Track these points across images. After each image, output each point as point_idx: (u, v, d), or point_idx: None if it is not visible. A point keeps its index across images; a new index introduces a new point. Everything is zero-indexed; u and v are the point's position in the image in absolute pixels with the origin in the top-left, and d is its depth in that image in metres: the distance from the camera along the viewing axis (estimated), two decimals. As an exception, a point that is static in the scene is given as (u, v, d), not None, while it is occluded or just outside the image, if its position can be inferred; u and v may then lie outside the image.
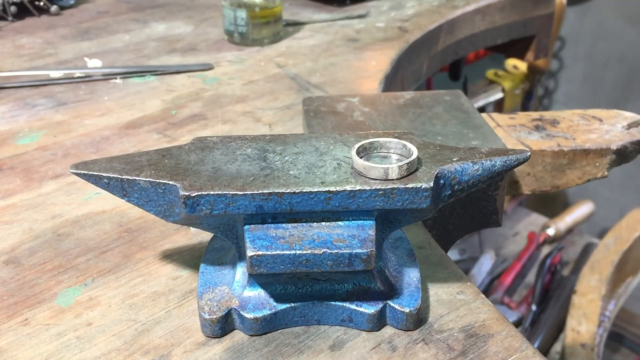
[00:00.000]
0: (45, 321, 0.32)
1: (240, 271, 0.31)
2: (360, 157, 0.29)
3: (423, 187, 0.27)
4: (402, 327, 0.30)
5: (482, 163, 0.29)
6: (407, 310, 0.30)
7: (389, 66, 0.65)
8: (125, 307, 0.32)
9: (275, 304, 0.30)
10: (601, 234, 1.41)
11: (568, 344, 0.98)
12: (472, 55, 1.37)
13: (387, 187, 0.27)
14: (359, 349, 0.30)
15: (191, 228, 0.38)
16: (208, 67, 0.65)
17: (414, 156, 0.28)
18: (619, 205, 1.59)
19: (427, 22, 0.78)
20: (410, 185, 0.27)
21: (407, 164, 0.28)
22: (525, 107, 1.62)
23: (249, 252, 0.27)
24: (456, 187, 0.29)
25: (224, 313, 0.30)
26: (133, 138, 0.51)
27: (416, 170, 0.28)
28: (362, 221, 0.28)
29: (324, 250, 0.27)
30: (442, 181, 0.29)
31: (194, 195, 0.27)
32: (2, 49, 0.73)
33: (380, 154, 0.30)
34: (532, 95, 1.62)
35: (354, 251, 0.27)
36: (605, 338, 1.00)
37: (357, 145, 0.29)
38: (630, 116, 0.44)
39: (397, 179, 0.28)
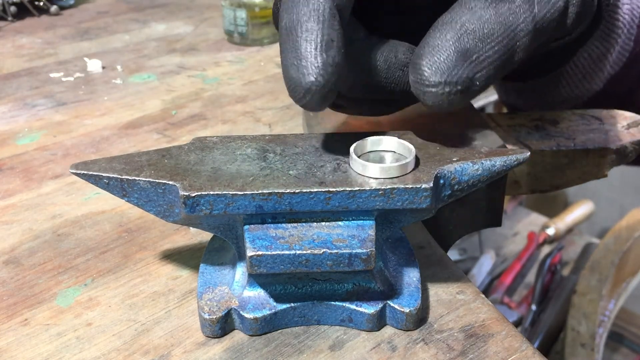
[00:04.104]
0: (45, 321, 0.32)
1: (240, 271, 0.31)
2: (359, 157, 0.29)
3: (423, 187, 0.27)
4: (402, 327, 0.30)
5: (482, 163, 0.29)
6: (407, 310, 0.30)
7: (388, 66, 0.65)
8: (125, 307, 0.32)
9: (275, 304, 0.30)
10: (601, 234, 1.41)
11: (568, 344, 0.98)
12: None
13: (387, 187, 0.27)
14: (358, 349, 0.30)
15: (191, 228, 0.38)
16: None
17: (413, 155, 0.28)
18: (619, 205, 1.59)
19: (427, 22, 0.78)
20: (410, 185, 0.27)
21: (406, 163, 0.28)
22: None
23: (249, 252, 0.27)
24: (456, 187, 0.29)
25: (223, 313, 0.30)
26: (133, 138, 0.51)
27: (415, 169, 0.28)
28: (361, 221, 0.28)
29: (324, 250, 0.27)
30: (442, 181, 0.29)
31: (193, 195, 0.27)
32: (2, 49, 0.73)
33: (380, 153, 0.30)
34: (532, 95, 1.61)
35: (354, 251, 0.27)
36: (605, 338, 1.00)
37: (355, 145, 0.29)
38: (630, 116, 0.44)
39: (396, 177, 0.28)
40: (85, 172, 0.29)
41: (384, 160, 0.30)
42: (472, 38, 0.28)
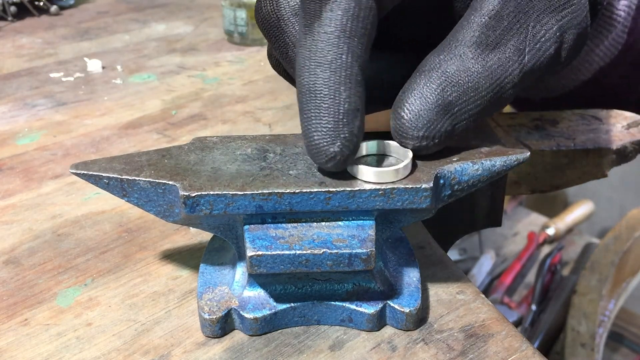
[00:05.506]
0: (45, 321, 0.32)
1: (240, 271, 0.31)
2: (357, 159, 0.29)
3: (423, 187, 0.27)
4: (402, 327, 0.30)
5: (482, 163, 0.29)
6: (407, 310, 0.30)
7: (388, 66, 0.65)
8: (125, 307, 0.32)
9: (275, 304, 0.30)
10: (601, 234, 1.41)
11: (568, 344, 0.98)
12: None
13: (387, 187, 0.27)
14: (358, 349, 0.30)
15: (191, 228, 0.38)
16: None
17: (409, 158, 0.28)
18: (619, 205, 1.59)
19: (427, 22, 0.78)
20: (410, 185, 0.27)
21: (403, 167, 0.28)
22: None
23: (249, 252, 0.27)
24: (456, 187, 0.29)
25: (223, 313, 0.30)
26: (133, 138, 0.51)
27: (413, 171, 0.28)
28: (362, 221, 0.28)
29: (324, 250, 0.27)
30: (441, 181, 0.29)
31: (193, 195, 0.27)
32: (2, 49, 0.73)
33: (377, 157, 0.30)
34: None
35: (354, 251, 0.27)
36: (605, 338, 1.00)
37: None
38: (630, 116, 0.44)
39: (395, 181, 0.28)
40: (85, 172, 0.29)
41: (380, 163, 0.30)
42: (455, 90, 0.27)
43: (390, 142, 0.30)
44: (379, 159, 0.30)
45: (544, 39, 0.29)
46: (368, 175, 0.28)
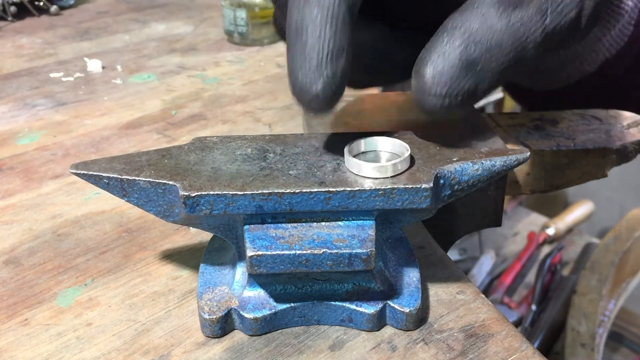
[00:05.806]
0: (45, 321, 0.32)
1: (240, 271, 0.31)
2: (355, 156, 0.29)
3: (423, 187, 0.27)
4: (402, 327, 0.30)
5: (482, 163, 0.29)
6: (407, 310, 0.30)
7: (388, 66, 0.65)
8: (125, 307, 0.32)
9: (275, 304, 0.30)
10: (601, 234, 1.41)
11: (568, 344, 0.98)
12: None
13: (387, 187, 0.27)
14: (358, 349, 0.30)
15: (191, 228, 0.38)
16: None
17: (407, 154, 0.28)
18: (619, 205, 1.59)
19: (427, 22, 0.78)
20: (410, 185, 0.27)
21: (401, 162, 0.28)
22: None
23: (249, 252, 0.27)
24: (456, 187, 0.29)
25: (223, 313, 0.30)
26: (133, 138, 0.51)
27: (411, 167, 0.28)
28: (361, 221, 0.28)
29: (324, 250, 0.27)
30: (441, 181, 0.29)
31: (193, 195, 0.27)
32: (2, 49, 0.73)
33: (375, 153, 0.30)
34: (532, 95, 1.61)
35: (354, 251, 0.27)
36: (605, 338, 1.00)
37: (351, 145, 0.29)
38: (630, 116, 0.44)
39: (391, 176, 0.28)
40: (85, 172, 0.29)
41: (379, 160, 0.30)
42: (479, 48, 0.27)
43: (388, 139, 0.30)
44: (378, 155, 0.30)
45: (565, 2, 0.29)
46: (367, 171, 0.28)
